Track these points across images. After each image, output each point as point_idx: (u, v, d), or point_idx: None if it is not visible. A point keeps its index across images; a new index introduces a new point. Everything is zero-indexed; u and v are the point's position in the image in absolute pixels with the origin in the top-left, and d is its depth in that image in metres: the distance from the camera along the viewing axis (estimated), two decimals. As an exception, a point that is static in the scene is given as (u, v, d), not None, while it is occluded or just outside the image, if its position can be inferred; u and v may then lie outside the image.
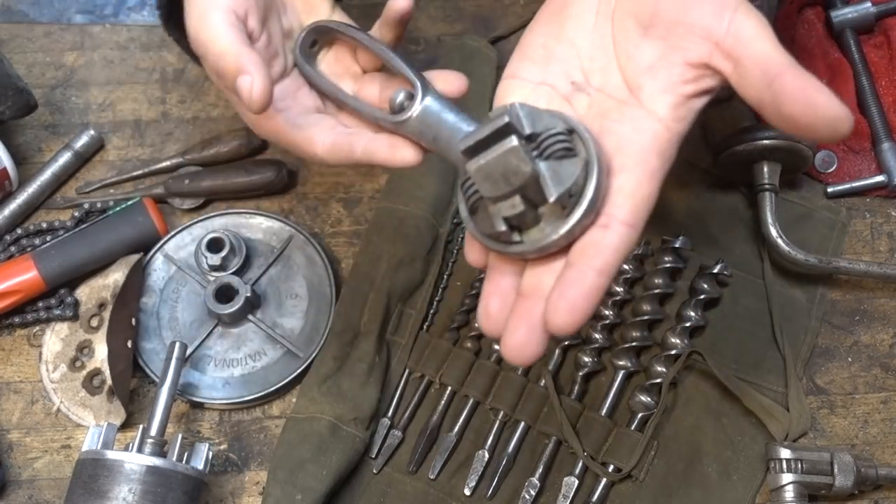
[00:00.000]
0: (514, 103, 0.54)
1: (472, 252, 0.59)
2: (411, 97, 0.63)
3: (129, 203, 0.89)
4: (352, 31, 0.70)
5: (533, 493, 0.79)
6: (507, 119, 0.52)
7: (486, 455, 0.81)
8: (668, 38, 0.55)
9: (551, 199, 0.51)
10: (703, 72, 0.55)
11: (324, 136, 0.66)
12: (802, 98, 0.51)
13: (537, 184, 0.52)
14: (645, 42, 0.56)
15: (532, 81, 0.60)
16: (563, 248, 0.53)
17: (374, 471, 0.81)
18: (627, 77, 0.57)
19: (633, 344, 0.83)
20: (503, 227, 0.53)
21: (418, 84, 0.63)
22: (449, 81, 0.66)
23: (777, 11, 0.85)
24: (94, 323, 0.86)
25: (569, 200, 0.52)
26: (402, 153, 0.63)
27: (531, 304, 0.53)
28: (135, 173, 0.93)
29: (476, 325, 0.85)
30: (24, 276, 0.85)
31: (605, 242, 0.52)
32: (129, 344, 0.83)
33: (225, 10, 0.64)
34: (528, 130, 0.53)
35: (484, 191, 0.53)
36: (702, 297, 0.85)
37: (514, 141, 0.51)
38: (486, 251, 0.57)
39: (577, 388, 0.83)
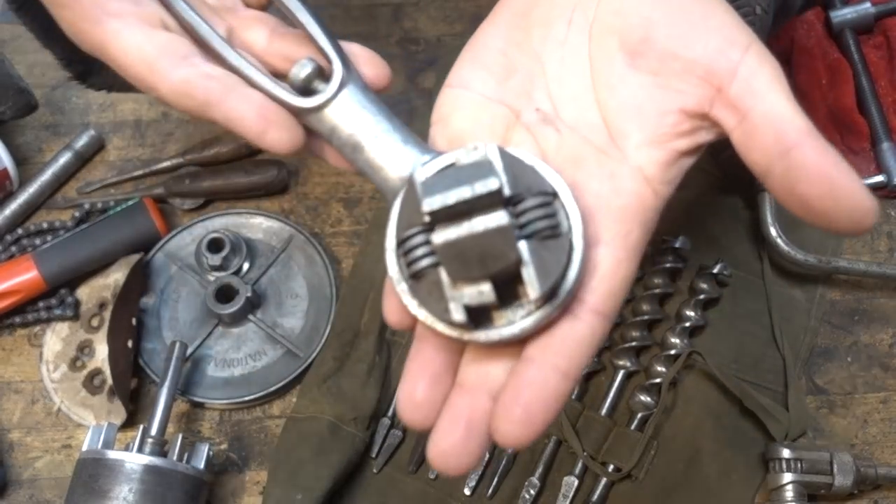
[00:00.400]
0: (495, 147, 0.42)
1: (394, 312, 0.46)
2: (322, 75, 0.47)
3: (130, 203, 0.89)
4: None
5: (533, 492, 0.79)
6: (496, 184, 0.40)
7: (486, 455, 0.81)
8: (660, 73, 0.45)
9: (534, 296, 0.41)
10: (700, 123, 0.45)
11: (176, 70, 0.48)
12: (824, 180, 0.41)
13: (517, 271, 0.41)
14: (630, 73, 0.45)
15: (485, 96, 0.49)
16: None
17: (375, 470, 0.81)
18: (608, 117, 0.46)
19: (633, 344, 0.83)
20: (462, 318, 0.42)
21: (337, 61, 0.47)
22: (374, 66, 0.51)
23: (780, 26, 0.82)
24: (95, 323, 0.86)
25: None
26: (276, 135, 0.47)
27: (473, 400, 0.43)
28: (135, 173, 0.93)
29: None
30: (24, 275, 0.85)
31: (572, 336, 0.42)
32: (130, 344, 0.83)
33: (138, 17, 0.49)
34: (507, 191, 0.41)
35: (450, 270, 0.41)
36: (701, 297, 0.85)
37: (504, 218, 0.40)
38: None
39: (576, 387, 0.83)
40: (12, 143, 0.93)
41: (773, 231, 0.86)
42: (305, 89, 0.47)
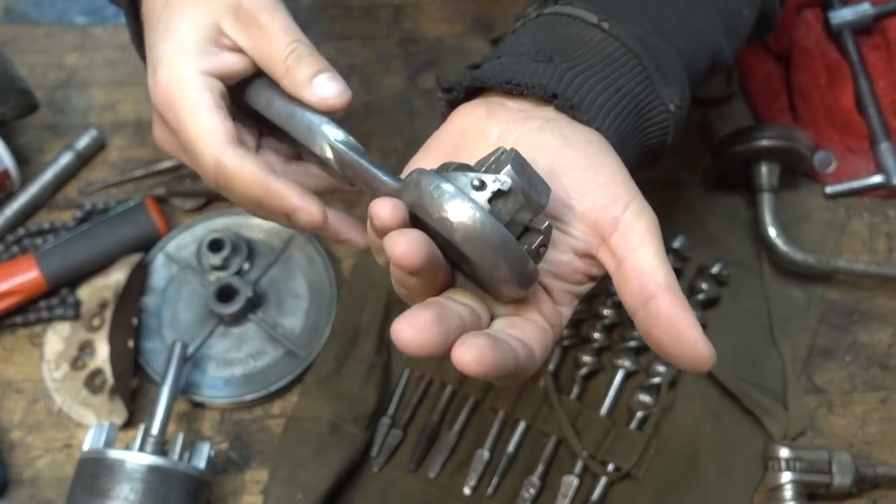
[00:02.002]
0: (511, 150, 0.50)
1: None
2: None
3: (131, 203, 0.89)
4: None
5: (533, 491, 0.79)
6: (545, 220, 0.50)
7: (487, 454, 0.81)
8: (558, 218, 0.53)
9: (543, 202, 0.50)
10: (592, 262, 0.53)
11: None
12: (672, 331, 0.50)
13: (526, 218, 0.50)
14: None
15: None
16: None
17: (375, 469, 0.82)
18: None
19: (633, 343, 0.83)
20: (494, 186, 0.49)
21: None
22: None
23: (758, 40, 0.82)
24: (96, 322, 0.86)
25: (533, 252, 0.50)
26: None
27: (461, 308, 0.50)
28: (136, 174, 0.94)
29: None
30: (25, 275, 0.85)
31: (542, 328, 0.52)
32: (131, 343, 0.84)
33: (215, 107, 0.60)
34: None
35: (511, 168, 0.49)
36: (701, 296, 0.85)
37: (550, 188, 0.50)
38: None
39: (576, 387, 0.83)
40: (13, 143, 0.94)
41: (772, 231, 0.87)
42: None
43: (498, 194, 0.48)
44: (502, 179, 0.48)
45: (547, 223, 0.50)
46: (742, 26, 0.71)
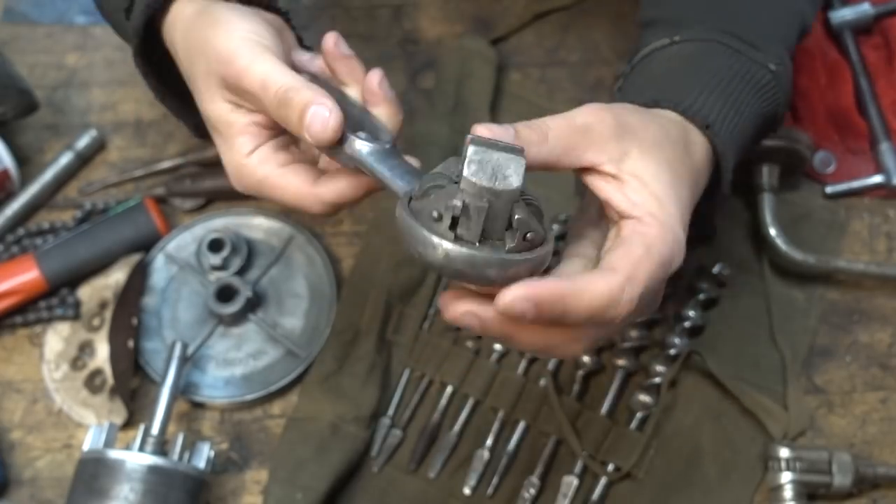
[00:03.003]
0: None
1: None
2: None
3: (131, 203, 0.89)
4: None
5: (533, 491, 0.79)
6: (521, 147, 0.52)
7: (487, 454, 0.81)
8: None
9: (515, 218, 0.51)
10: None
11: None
12: None
13: (507, 208, 0.51)
14: None
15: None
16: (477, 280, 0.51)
17: (375, 469, 0.82)
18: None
19: (633, 344, 0.83)
20: (458, 204, 0.50)
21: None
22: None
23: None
24: (96, 322, 0.86)
25: (513, 244, 0.51)
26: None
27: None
28: (136, 174, 0.94)
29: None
30: (25, 275, 0.85)
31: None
32: (131, 343, 0.84)
33: (263, 47, 0.63)
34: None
35: (468, 172, 0.50)
36: (701, 297, 0.85)
37: (521, 157, 0.51)
38: None
39: (576, 387, 0.83)
40: (13, 143, 0.93)
41: (772, 231, 0.87)
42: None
43: (456, 219, 0.50)
44: (455, 204, 0.50)
45: (532, 203, 0.52)
46: None
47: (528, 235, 0.51)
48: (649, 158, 0.57)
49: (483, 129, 0.53)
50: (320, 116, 0.59)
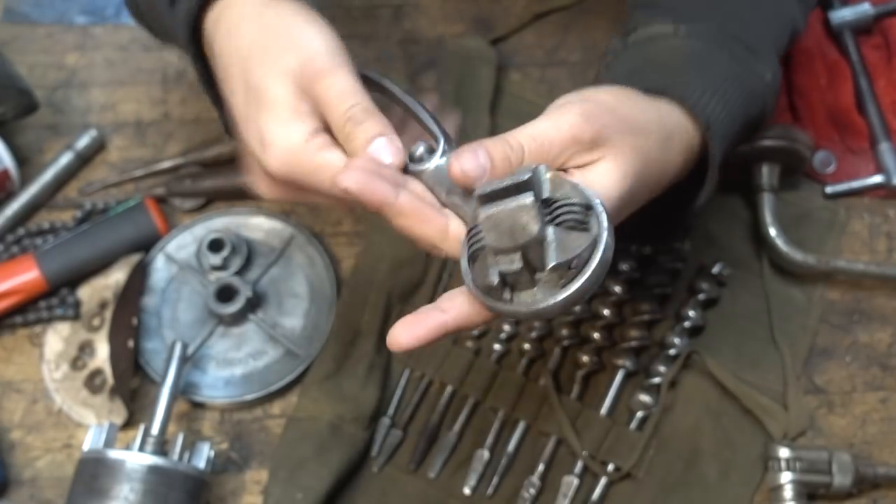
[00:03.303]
0: (539, 165, 0.53)
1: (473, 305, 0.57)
2: (431, 151, 0.61)
3: (131, 203, 0.89)
4: (387, 82, 0.68)
5: (533, 491, 0.79)
6: (528, 175, 0.51)
7: (487, 454, 0.81)
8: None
9: (549, 266, 0.51)
10: None
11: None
12: None
13: (540, 247, 0.51)
14: None
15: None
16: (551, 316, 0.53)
17: (375, 469, 0.82)
18: None
19: (633, 344, 0.83)
20: (496, 280, 0.52)
21: (441, 140, 0.61)
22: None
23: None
24: (96, 322, 0.86)
25: (567, 272, 0.51)
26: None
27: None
28: (136, 174, 0.94)
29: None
30: (25, 275, 0.85)
31: None
32: (131, 343, 0.84)
33: (345, 58, 0.63)
34: (546, 194, 0.53)
35: (488, 240, 0.52)
36: (701, 296, 0.85)
37: (529, 198, 0.50)
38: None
39: (576, 387, 0.83)
40: (13, 143, 0.93)
41: (772, 231, 0.87)
42: (420, 160, 0.60)
43: (507, 282, 0.53)
44: (496, 276, 0.52)
45: (565, 205, 0.53)
46: None
47: (573, 263, 0.51)
48: (614, 171, 0.58)
49: (456, 169, 0.55)
50: (384, 150, 0.58)
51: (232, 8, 0.65)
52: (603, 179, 0.58)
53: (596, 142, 0.58)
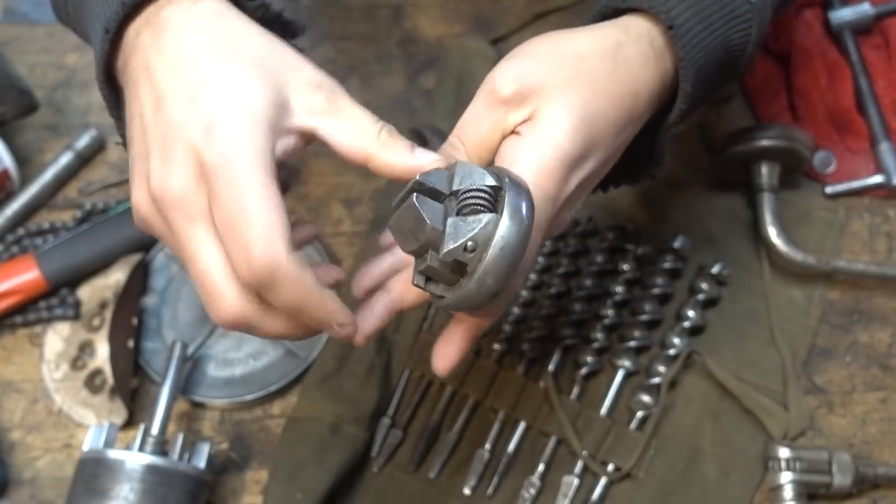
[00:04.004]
0: (459, 162, 0.53)
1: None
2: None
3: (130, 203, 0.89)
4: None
5: (533, 491, 0.79)
6: (416, 177, 0.51)
7: (487, 454, 0.81)
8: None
9: (441, 253, 0.50)
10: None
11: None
12: None
13: (439, 239, 0.50)
14: None
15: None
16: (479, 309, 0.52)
17: (375, 470, 0.82)
18: None
19: (633, 344, 0.83)
20: (420, 282, 0.53)
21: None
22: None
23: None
24: (96, 322, 0.86)
25: (468, 257, 0.50)
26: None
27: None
28: (136, 174, 0.94)
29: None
30: (25, 275, 0.85)
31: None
32: (131, 343, 0.84)
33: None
34: (454, 187, 0.52)
35: (400, 245, 0.53)
36: (701, 297, 0.85)
37: (413, 198, 0.51)
38: None
39: (576, 387, 0.83)
40: (13, 143, 0.94)
41: (772, 231, 0.87)
42: None
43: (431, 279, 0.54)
44: (421, 273, 0.54)
45: (466, 196, 0.52)
46: None
47: (467, 246, 0.50)
48: (555, 114, 0.56)
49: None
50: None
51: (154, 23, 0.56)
52: (548, 128, 0.55)
53: (522, 93, 0.56)
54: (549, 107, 0.56)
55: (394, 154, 0.55)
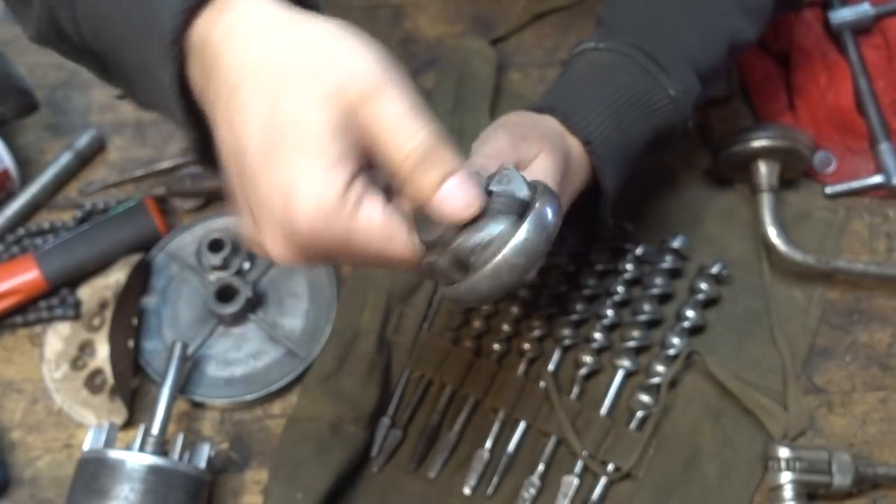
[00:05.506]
0: (506, 167, 0.58)
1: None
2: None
3: (131, 203, 0.89)
4: None
5: (533, 491, 0.80)
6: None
7: (486, 454, 0.81)
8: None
9: (452, 245, 0.55)
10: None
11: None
12: None
13: (454, 234, 0.55)
14: None
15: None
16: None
17: (375, 469, 0.82)
18: None
19: (633, 343, 0.83)
20: (446, 266, 0.56)
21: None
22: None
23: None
24: (96, 322, 0.86)
25: (476, 255, 0.55)
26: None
27: None
28: (136, 174, 0.94)
29: (475, 324, 0.85)
30: (26, 275, 0.85)
31: None
32: (131, 343, 0.84)
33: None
34: (490, 188, 0.57)
35: (418, 235, 0.55)
36: (701, 297, 0.85)
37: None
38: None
39: (576, 387, 0.83)
40: (14, 143, 0.94)
41: (772, 231, 0.87)
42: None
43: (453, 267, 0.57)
44: (441, 264, 0.57)
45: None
46: (761, 4, 0.81)
47: (483, 243, 0.55)
48: (549, 159, 0.67)
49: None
50: (455, 198, 0.52)
51: (243, 18, 0.53)
52: (543, 166, 0.66)
53: (527, 139, 0.67)
54: (547, 154, 0.67)
55: (415, 190, 0.52)
